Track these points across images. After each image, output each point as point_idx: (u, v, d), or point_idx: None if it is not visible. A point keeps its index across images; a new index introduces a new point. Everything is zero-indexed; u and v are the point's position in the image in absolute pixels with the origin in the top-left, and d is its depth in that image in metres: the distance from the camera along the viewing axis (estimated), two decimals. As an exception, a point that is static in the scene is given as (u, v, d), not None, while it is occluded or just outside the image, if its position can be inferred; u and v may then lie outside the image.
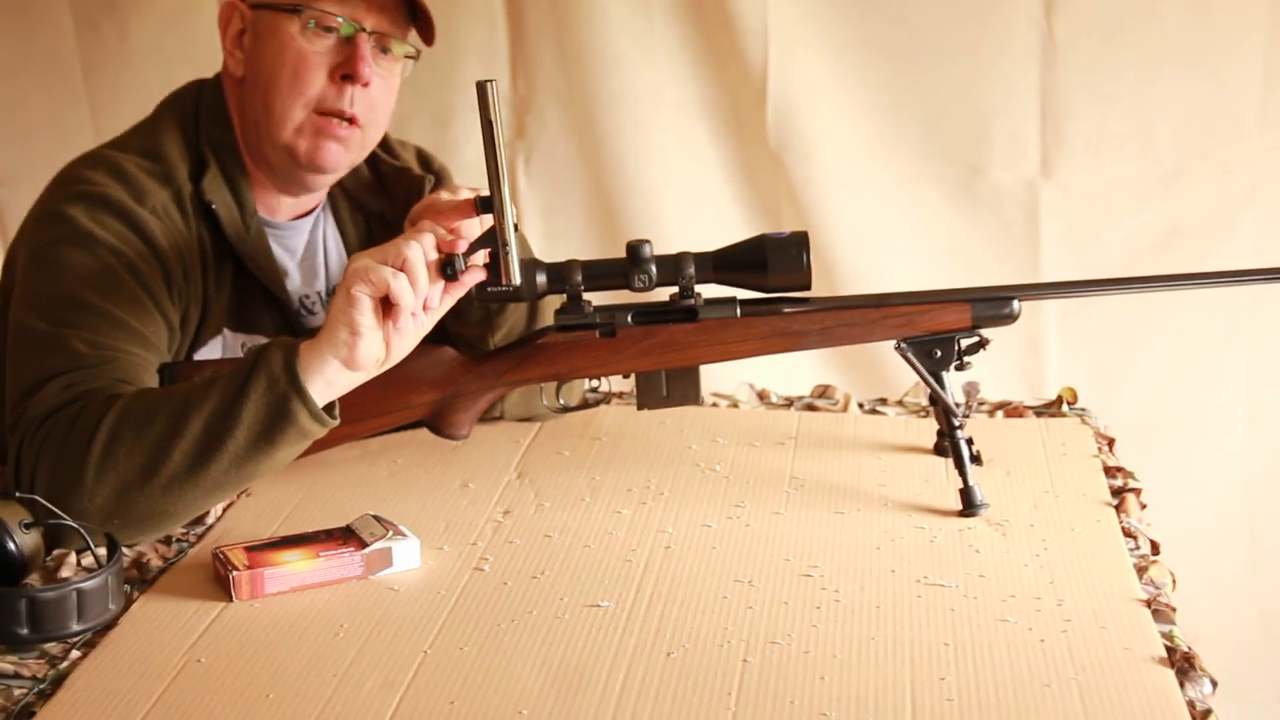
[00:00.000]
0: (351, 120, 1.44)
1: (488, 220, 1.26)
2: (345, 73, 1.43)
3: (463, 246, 1.24)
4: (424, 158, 1.62)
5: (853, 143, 2.20)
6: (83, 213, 1.38)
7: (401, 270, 1.21)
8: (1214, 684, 1.05)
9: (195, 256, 1.44)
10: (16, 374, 1.32)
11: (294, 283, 1.53)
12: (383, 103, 1.47)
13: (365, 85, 1.43)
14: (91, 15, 2.23)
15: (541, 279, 1.33)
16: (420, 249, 1.22)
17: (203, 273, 1.45)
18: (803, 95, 2.17)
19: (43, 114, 2.25)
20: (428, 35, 1.48)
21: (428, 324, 1.26)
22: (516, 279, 1.26)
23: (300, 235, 1.55)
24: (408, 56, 1.48)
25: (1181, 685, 1.04)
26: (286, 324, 1.51)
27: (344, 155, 1.47)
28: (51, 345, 1.31)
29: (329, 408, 1.26)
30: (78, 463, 1.23)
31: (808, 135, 2.18)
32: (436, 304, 1.24)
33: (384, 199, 1.58)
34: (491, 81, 1.21)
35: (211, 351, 1.47)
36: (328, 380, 1.24)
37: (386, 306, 1.23)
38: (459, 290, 1.25)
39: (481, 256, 1.26)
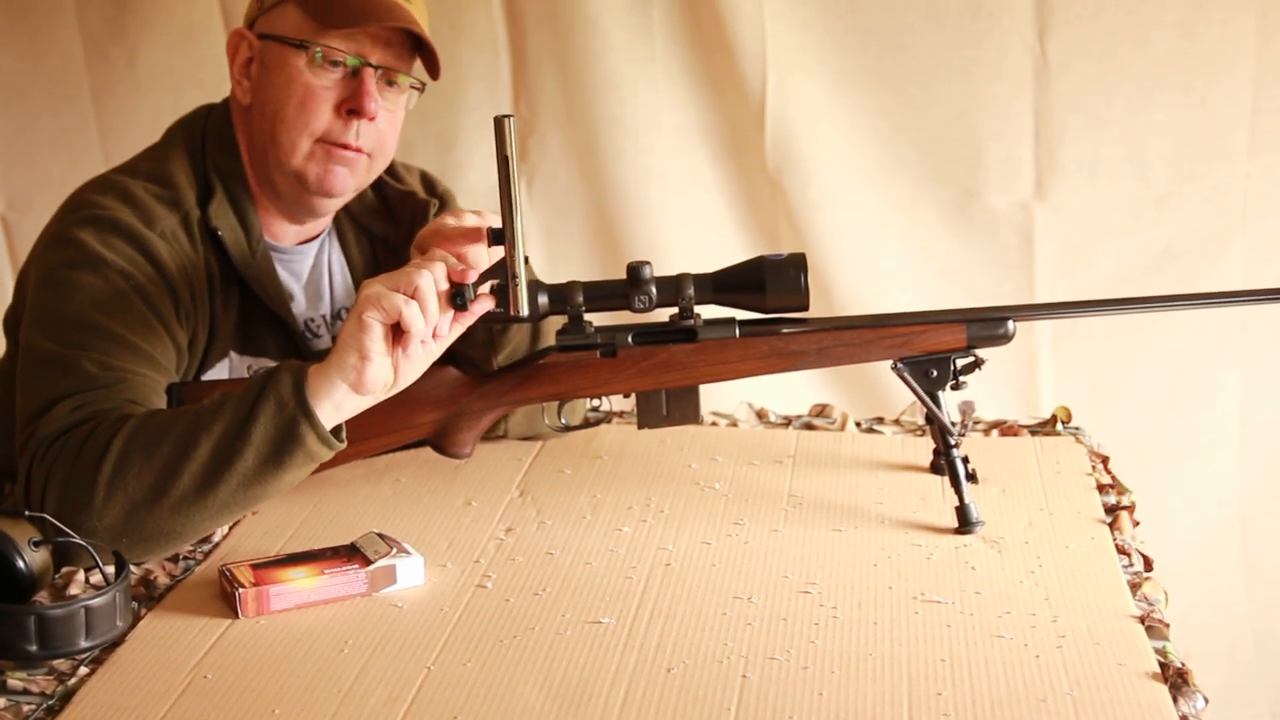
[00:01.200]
0: (358, 150, 1.46)
1: (496, 250, 1.28)
2: (351, 107, 1.44)
3: (473, 276, 1.26)
4: (428, 181, 1.63)
5: (850, 166, 2.22)
6: (93, 236, 1.39)
7: (413, 298, 1.22)
8: (1206, 700, 1.06)
9: (203, 280, 1.45)
10: (27, 395, 1.34)
11: (299, 306, 1.55)
12: (389, 133, 1.49)
13: (371, 119, 1.45)
14: (100, 39, 2.25)
15: (543, 300, 1.34)
16: (431, 278, 1.23)
17: (210, 296, 1.46)
18: (801, 120, 2.19)
19: (52, 137, 2.26)
20: (433, 70, 1.48)
21: (436, 351, 1.27)
22: (525, 310, 1.27)
23: (305, 259, 1.56)
24: (412, 87, 1.49)
25: (1175, 701, 1.05)
26: (292, 346, 1.53)
27: (351, 179, 1.48)
28: (61, 366, 1.33)
29: (336, 430, 1.27)
30: (88, 483, 1.24)
31: (806, 159, 2.20)
32: (445, 332, 1.26)
33: (389, 223, 1.59)
34: (509, 117, 1.23)
35: (219, 373, 1.48)
36: (336, 404, 1.26)
37: (396, 333, 1.24)
38: (468, 319, 1.27)
39: (490, 285, 1.28)
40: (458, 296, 1.25)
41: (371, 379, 1.24)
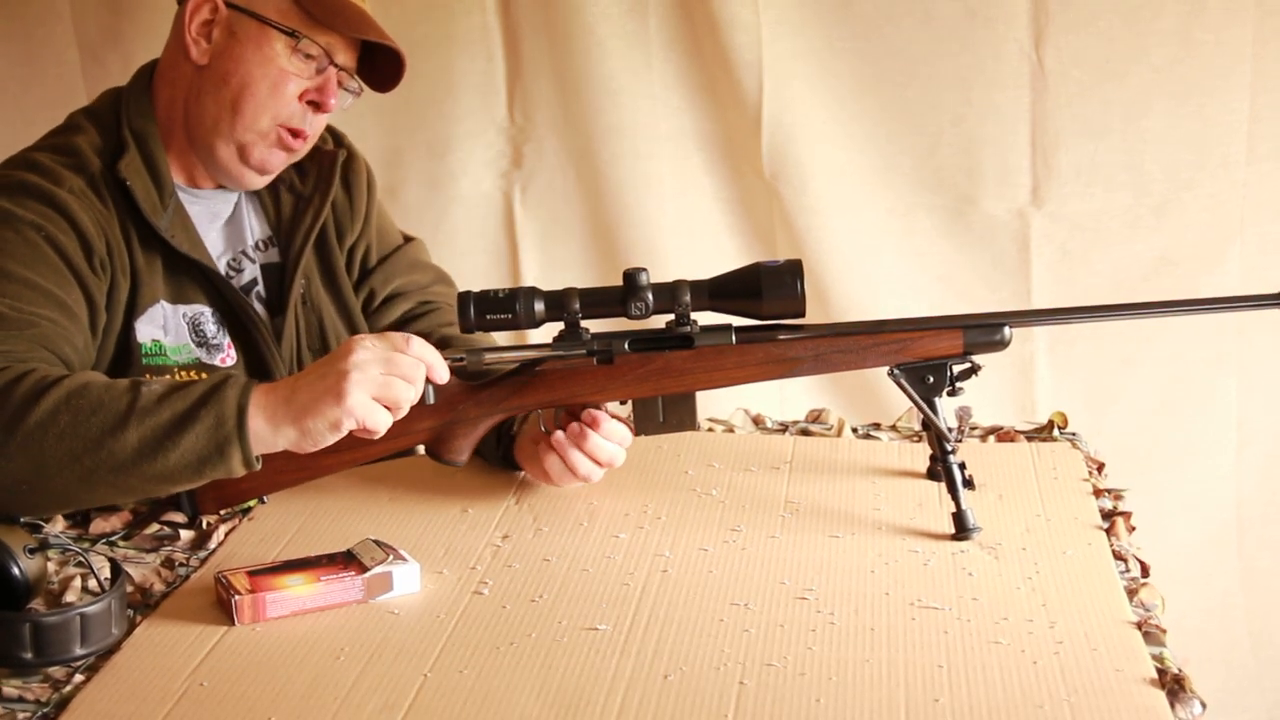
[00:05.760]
0: (305, 138, 1.54)
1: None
2: (314, 99, 1.52)
3: (443, 377, 1.31)
4: (335, 133, 1.68)
5: (846, 172, 2.22)
6: (3, 198, 1.42)
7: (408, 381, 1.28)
8: (1204, 705, 1.06)
9: (117, 233, 1.48)
10: None
11: (218, 247, 1.58)
12: (324, 125, 1.58)
13: (328, 113, 1.53)
14: (95, 45, 2.25)
15: (539, 307, 1.34)
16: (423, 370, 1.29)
17: (127, 248, 1.48)
18: (797, 126, 2.19)
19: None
20: (386, 85, 1.56)
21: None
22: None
23: (225, 200, 1.60)
24: (352, 93, 1.57)
25: (1172, 706, 1.05)
26: (217, 292, 1.54)
27: (285, 163, 1.56)
28: None
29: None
30: (7, 424, 1.24)
31: (802, 165, 2.20)
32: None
33: (296, 173, 1.64)
34: None
35: (152, 320, 1.50)
36: (275, 432, 1.26)
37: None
38: None
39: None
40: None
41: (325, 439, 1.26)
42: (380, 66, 1.56)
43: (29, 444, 1.24)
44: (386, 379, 1.26)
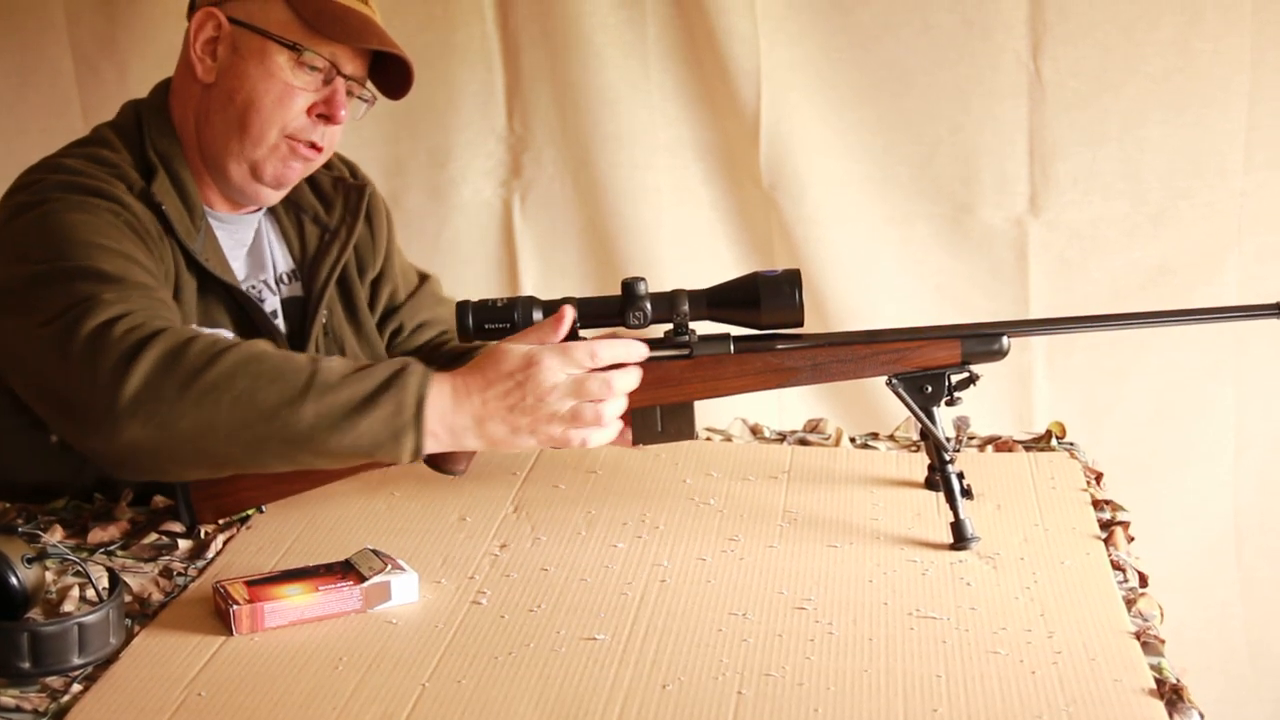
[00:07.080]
0: (319, 150, 1.53)
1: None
2: (322, 112, 1.50)
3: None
4: (349, 165, 1.69)
5: (844, 182, 2.22)
6: (69, 192, 1.40)
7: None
8: (1202, 715, 1.06)
9: (165, 245, 1.47)
10: (43, 306, 1.30)
11: (242, 273, 1.58)
12: (339, 136, 1.57)
13: (338, 124, 1.52)
14: (90, 54, 2.25)
15: (538, 316, 1.34)
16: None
17: (174, 260, 1.48)
18: (795, 135, 2.20)
19: (43, 152, 2.25)
20: (397, 92, 1.55)
21: None
22: None
23: (248, 227, 1.60)
24: (364, 100, 1.56)
25: (1170, 716, 1.05)
26: (244, 315, 1.54)
27: (301, 174, 1.55)
28: (75, 276, 1.32)
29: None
30: (184, 380, 1.23)
31: (800, 175, 2.21)
32: None
33: (319, 201, 1.64)
34: None
35: None
36: (450, 431, 1.27)
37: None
38: None
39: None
40: None
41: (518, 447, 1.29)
42: (390, 73, 1.55)
43: (203, 403, 1.23)
44: (577, 408, 1.28)
